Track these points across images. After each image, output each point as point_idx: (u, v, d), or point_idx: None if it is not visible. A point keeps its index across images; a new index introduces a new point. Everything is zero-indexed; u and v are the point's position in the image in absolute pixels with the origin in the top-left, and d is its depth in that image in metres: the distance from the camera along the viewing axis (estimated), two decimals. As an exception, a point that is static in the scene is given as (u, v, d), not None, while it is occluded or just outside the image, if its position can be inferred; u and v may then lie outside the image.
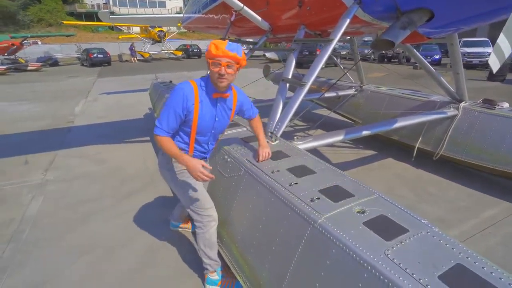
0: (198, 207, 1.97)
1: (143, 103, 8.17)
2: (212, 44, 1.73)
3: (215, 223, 2.01)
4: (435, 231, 1.33)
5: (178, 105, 1.77)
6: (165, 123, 1.77)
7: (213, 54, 1.71)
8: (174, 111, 1.77)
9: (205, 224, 1.97)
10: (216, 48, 1.70)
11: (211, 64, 1.74)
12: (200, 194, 1.98)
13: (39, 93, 11.01)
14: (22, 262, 2.43)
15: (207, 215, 1.98)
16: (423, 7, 2.25)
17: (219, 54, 1.70)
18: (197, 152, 1.99)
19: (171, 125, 1.79)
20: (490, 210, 3.04)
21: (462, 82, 3.86)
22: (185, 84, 1.82)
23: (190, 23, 7.78)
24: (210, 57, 1.74)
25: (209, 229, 1.98)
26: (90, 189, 3.67)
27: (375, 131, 3.33)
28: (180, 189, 2.00)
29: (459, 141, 3.76)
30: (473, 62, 15.49)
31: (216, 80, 1.77)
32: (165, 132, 1.78)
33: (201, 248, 2.01)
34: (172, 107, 1.77)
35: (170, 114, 1.77)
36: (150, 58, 25.54)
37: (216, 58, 1.72)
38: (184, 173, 1.94)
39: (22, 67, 19.69)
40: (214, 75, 1.77)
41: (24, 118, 7.33)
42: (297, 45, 3.32)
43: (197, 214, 1.98)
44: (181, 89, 1.79)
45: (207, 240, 1.98)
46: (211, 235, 1.99)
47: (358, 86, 5.60)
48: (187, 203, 2.00)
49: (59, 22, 36.21)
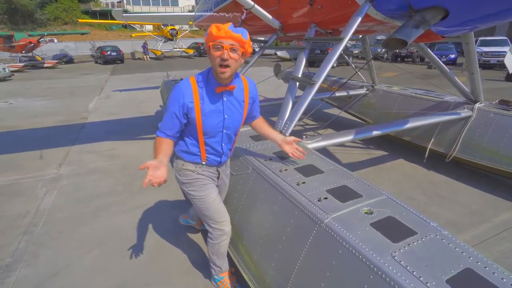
0: (211, 220, 1.85)
1: (154, 100, 8.29)
2: (213, 25, 1.48)
3: (226, 237, 1.89)
4: (445, 234, 1.30)
5: (174, 104, 1.62)
6: (164, 125, 1.66)
7: (215, 36, 1.47)
8: (171, 112, 1.62)
9: (216, 237, 1.87)
10: (217, 29, 1.46)
11: (212, 48, 1.49)
12: (211, 207, 1.83)
13: (54, 90, 11.31)
14: (36, 253, 2.51)
15: (218, 229, 1.85)
16: (437, 5, 2.19)
17: (221, 35, 1.46)
18: (211, 157, 1.79)
19: (170, 127, 1.65)
20: (504, 214, 2.96)
21: (478, 82, 3.76)
22: (182, 82, 1.66)
23: (202, 21, 7.83)
24: (211, 39, 1.49)
25: (219, 242, 1.88)
26: (102, 184, 3.75)
27: (386, 131, 3.28)
28: (192, 198, 1.85)
29: (473, 143, 3.67)
30: (490, 62, 15.01)
31: (218, 68, 1.52)
32: (164, 134, 1.67)
33: (209, 254, 1.98)
34: (169, 107, 1.63)
35: (168, 115, 1.64)
36: (162, 56, 25.82)
37: (218, 40, 1.47)
38: (193, 184, 1.80)
39: (38, 64, 20.28)
40: (215, 61, 1.52)
41: (41, 114, 7.54)
42: (308, 44, 3.30)
43: (209, 226, 1.88)
44: (177, 87, 1.64)
45: (216, 250, 1.92)
46: (220, 247, 1.90)
47: (369, 86, 5.52)
48: (199, 212, 1.89)
49: (74, 21, 36.99)
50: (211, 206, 1.83)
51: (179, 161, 1.82)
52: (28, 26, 35.06)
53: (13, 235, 2.75)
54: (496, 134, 3.50)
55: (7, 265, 2.38)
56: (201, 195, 1.81)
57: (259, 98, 1.96)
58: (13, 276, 2.26)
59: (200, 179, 1.81)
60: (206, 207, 1.82)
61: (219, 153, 1.81)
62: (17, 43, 20.41)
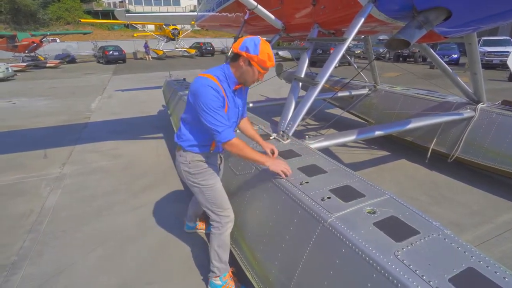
0: (218, 207, 1.95)
1: (156, 100, 8.31)
2: (266, 53, 1.68)
3: (231, 224, 2.00)
4: (447, 233, 1.31)
5: (216, 100, 1.66)
6: (224, 121, 1.68)
7: (267, 66, 1.73)
8: (218, 108, 1.67)
9: (223, 224, 1.95)
10: (269, 59, 1.70)
11: (257, 71, 1.74)
12: (219, 195, 1.97)
13: (57, 90, 11.36)
14: (40, 252, 2.54)
15: (226, 216, 1.96)
16: (440, 6, 2.20)
17: (271, 65, 1.74)
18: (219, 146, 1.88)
19: (225, 119, 1.70)
20: (506, 215, 2.96)
21: (480, 82, 3.76)
22: (208, 81, 1.69)
23: (204, 21, 7.84)
24: (261, 65, 1.71)
25: (225, 230, 1.96)
26: (105, 183, 3.77)
27: (389, 131, 3.29)
28: (199, 189, 1.95)
29: (476, 144, 3.67)
30: (493, 62, 14.96)
31: (251, 82, 1.80)
32: (232, 129, 1.74)
33: (214, 249, 1.97)
34: (212, 105, 1.65)
35: (217, 112, 1.66)
36: (164, 55, 25.87)
37: (266, 68, 1.74)
38: (204, 174, 1.91)
39: (41, 64, 20.37)
40: (252, 77, 1.77)
41: (43, 114, 7.58)
42: (311, 44, 3.31)
43: (215, 215, 1.96)
44: (207, 86, 1.66)
45: (222, 241, 1.97)
46: (226, 236, 1.98)
47: (372, 86, 5.53)
48: (206, 203, 1.96)
49: (76, 20, 37.07)
50: (219, 193, 1.97)
51: (188, 155, 1.88)
52: (31, 26, 35.18)
53: (18, 234, 2.78)
54: (498, 135, 3.50)
55: (13, 263, 2.41)
56: (211, 184, 1.94)
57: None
58: (18, 274, 2.29)
59: (210, 168, 1.94)
60: (215, 195, 1.95)
61: None
62: (20, 43, 20.52)
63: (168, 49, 27.14)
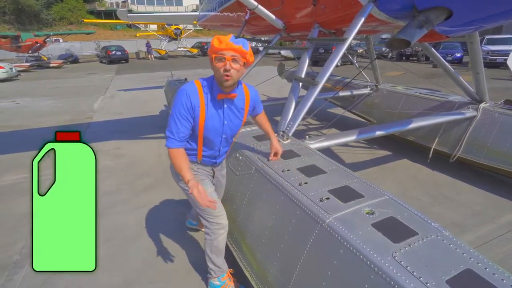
0: (207, 214, 1.86)
1: (158, 99, 8.33)
2: (214, 38, 1.59)
3: (224, 231, 1.92)
4: (446, 235, 1.31)
5: (182, 107, 1.64)
6: (175, 132, 1.64)
7: (216, 48, 1.56)
8: (181, 115, 1.64)
9: (213, 231, 1.88)
10: (219, 42, 1.55)
11: (215, 59, 1.59)
12: None
13: (60, 89, 11.43)
14: (43, 251, 2.56)
15: (216, 223, 1.88)
16: (440, 6, 2.19)
17: (222, 47, 1.55)
18: (206, 158, 1.89)
19: (182, 132, 1.65)
20: (508, 215, 2.94)
21: (483, 82, 3.73)
22: (187, 84, 1.70)
23: (206, 21, 7.85)
24: (214, 51, 1.59)
25: (217, 237, 1.89)
26: (108, 183, 3.79)
27: (390, 131, 3.28)
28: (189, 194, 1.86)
29: (478, 143, 3.64)
30: (497, 61, 14.84)
31: (221, 78, 1.61)
32: (177, 142, 1.66)
33: (207, 254, 1.95)
34: (178, 111, 1.64)
35: (177, 119, 1.65)
36: (167, 55, 25.90)
37: (220, 52, 1.57)
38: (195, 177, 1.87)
39: (44, 64, 20.50)
40: (218, 72, 1.60)
41: (47, 114, 7.64)
42: (311, 44, 3.31)
43: (206, 221, 1.89)
44: (183, 89, 1.66)
45: (214, 247, 1.91)
46: (219, 242, 1.91)
47: (373, 85, 5.50)
48: (196, 208, 1.91)
49: (79, 21, 37.29)
50: None
51: None
52: (34, 26, 35.39)
53: (20, 233, 2.80)
54: (501, 135, 3.48)
55: (15, 262, 2.43)
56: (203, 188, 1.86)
57: (262, 98, 2.01)
58: (21, 272, 2.32)
59: (196, 174, 1.86)
60: None
61: (215, 155, 1.91)
62: (24, 43, 20.64)
63: (171, 49, 27.19)
